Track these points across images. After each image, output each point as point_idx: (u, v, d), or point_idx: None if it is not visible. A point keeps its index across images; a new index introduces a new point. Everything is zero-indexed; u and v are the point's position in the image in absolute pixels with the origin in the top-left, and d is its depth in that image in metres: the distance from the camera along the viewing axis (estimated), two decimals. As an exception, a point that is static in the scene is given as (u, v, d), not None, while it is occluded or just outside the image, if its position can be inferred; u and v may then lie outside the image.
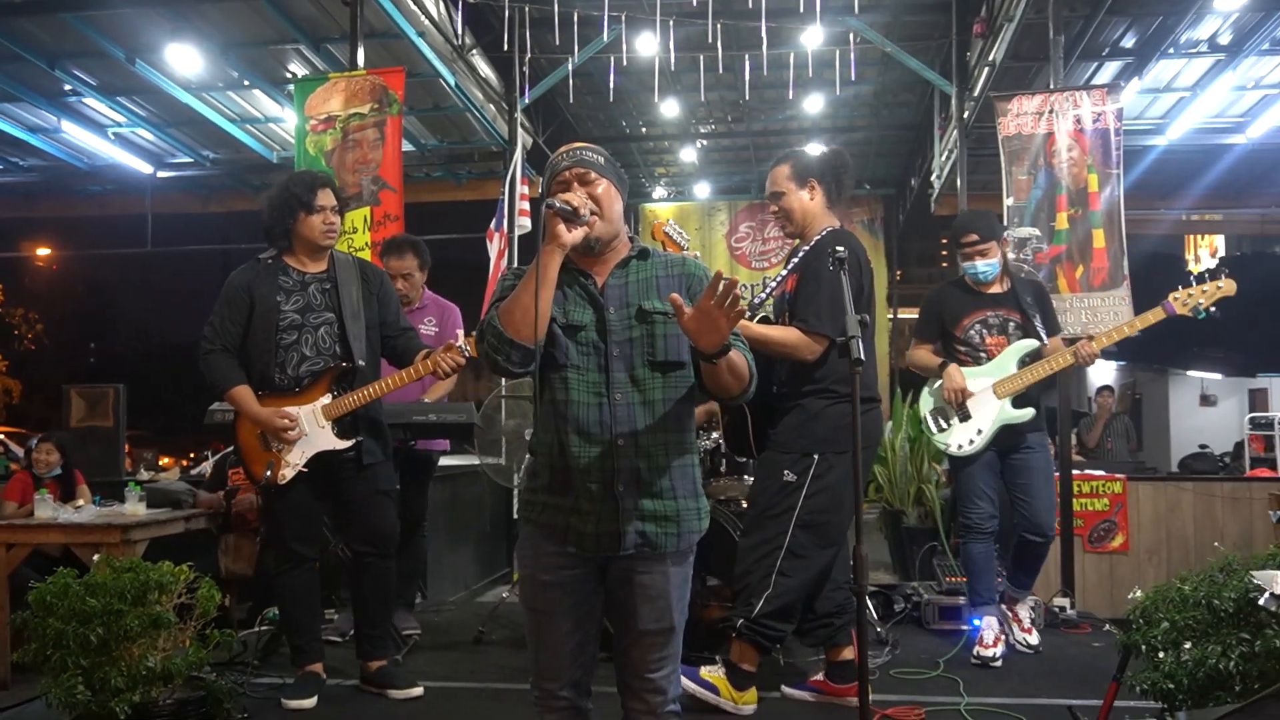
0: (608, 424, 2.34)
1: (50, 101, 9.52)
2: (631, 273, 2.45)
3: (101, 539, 4.62)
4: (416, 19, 7.79)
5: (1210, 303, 4.09)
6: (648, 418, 2.36)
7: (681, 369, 2.41)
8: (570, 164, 2.41)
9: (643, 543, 2.35)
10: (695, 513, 2.44)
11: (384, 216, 6.18)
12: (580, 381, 2.37)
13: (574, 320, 2.38)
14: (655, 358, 2.38)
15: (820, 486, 3.61)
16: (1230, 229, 13.04)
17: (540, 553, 2.40)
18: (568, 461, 2.36)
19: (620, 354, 2.37)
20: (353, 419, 3.92)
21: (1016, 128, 6.04)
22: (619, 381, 2.36)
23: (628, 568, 2.37)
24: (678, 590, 2.42)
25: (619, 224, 2.44)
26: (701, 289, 2.42)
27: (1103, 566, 6.00)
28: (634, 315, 2.39)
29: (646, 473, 2.35)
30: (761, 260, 14.75)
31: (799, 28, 8.55)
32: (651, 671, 2.42)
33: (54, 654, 3.28)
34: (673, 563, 2.40)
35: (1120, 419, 10.35)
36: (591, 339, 2.38)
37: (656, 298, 2.41)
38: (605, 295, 2.40)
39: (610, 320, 2.38)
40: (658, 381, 2.38)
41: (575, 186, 2.38)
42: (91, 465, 6.35)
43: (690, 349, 2.34)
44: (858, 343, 2.66)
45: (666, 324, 2.37)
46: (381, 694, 3.98)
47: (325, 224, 3.95)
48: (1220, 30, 8.13)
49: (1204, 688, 2.72)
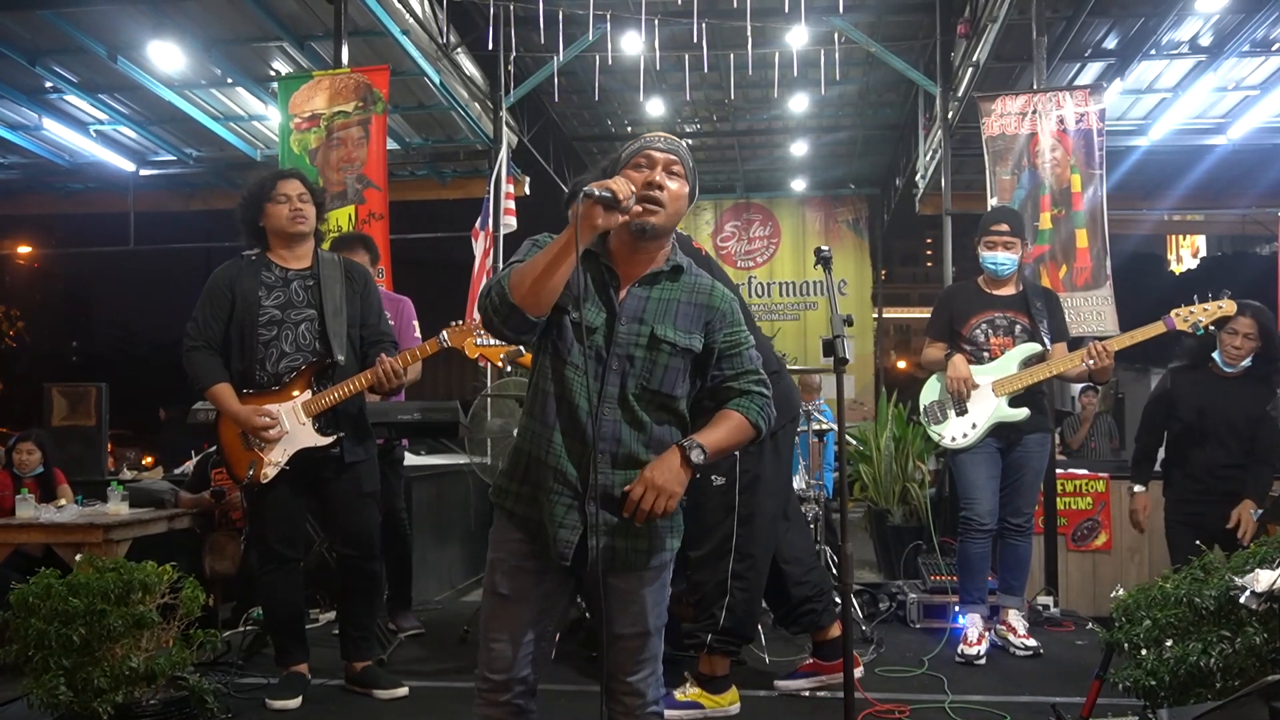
0: (590, 437, 2.28)
1: (31, 98, 9.44)
2: (657, 290, 2.35)
3: (84, 539, 4.59)
4: (401, 17, 7.77)
5: (1210, 321, 4.14)
6: (631, 439, 2.30)
7: (673, 401, 2.35)
8: (666, 148, 2.33)
9: (610, 558, 2.30)
10: (669, 530, 2.38)
11: (369, 215, 6.17)
12: (576, 382, 2.30)
13: (587, 320, 2.29)
14: (649, 385, 2.31)
15: (749, 479, 3.71)
16: (1211, 229, 13.13)
17: (511, 538, 2.36)
18: (546, 459, 2.31)
19: (618, 368, 2.30)
20: (334, 415, 3.89)
21: (1000, 128, 6.07)
22: (610, 395, 2.29)
23: (601, 573, 2.31)
24: (653, 596, 2.38)
25: (672, 228, 2.37)
26: (720, 326, 2.38)
27: (1086, 565, 6.03)
28: (644, 336, 2.31)
29: (619, 491, 2.29)
30: (747, 259, 14.79)
31: (784, 27, 8.57)
32: (629, 675, 2.38)
33: (36, 654, 3.26)
34: (648, 572, 2.37)
35: (1103, 418, 10.41)
36: (597, 343, 2.30)
37: (672, 325, 2.33)
38: (623, 306, 2.32)
39: (619, 331, 2.30)
40: (648, 406, 2.32)
41: (659, 168, 2.30)
42: (73, 464, 6.30)
43: (688, 389, 2.37)
44: (843, 342, 2.69)
45: (671, 356, 2.32)
46: (367, 694, 3.97)
47: (291, 211, 3.91)
48: (1201, 31, 8.18)
49: (1185, 685, 2.75)
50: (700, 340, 2.36)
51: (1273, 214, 11.23)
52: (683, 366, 2.34)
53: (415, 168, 11.60)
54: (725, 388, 2.40)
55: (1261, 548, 2.94)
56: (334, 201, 6.12)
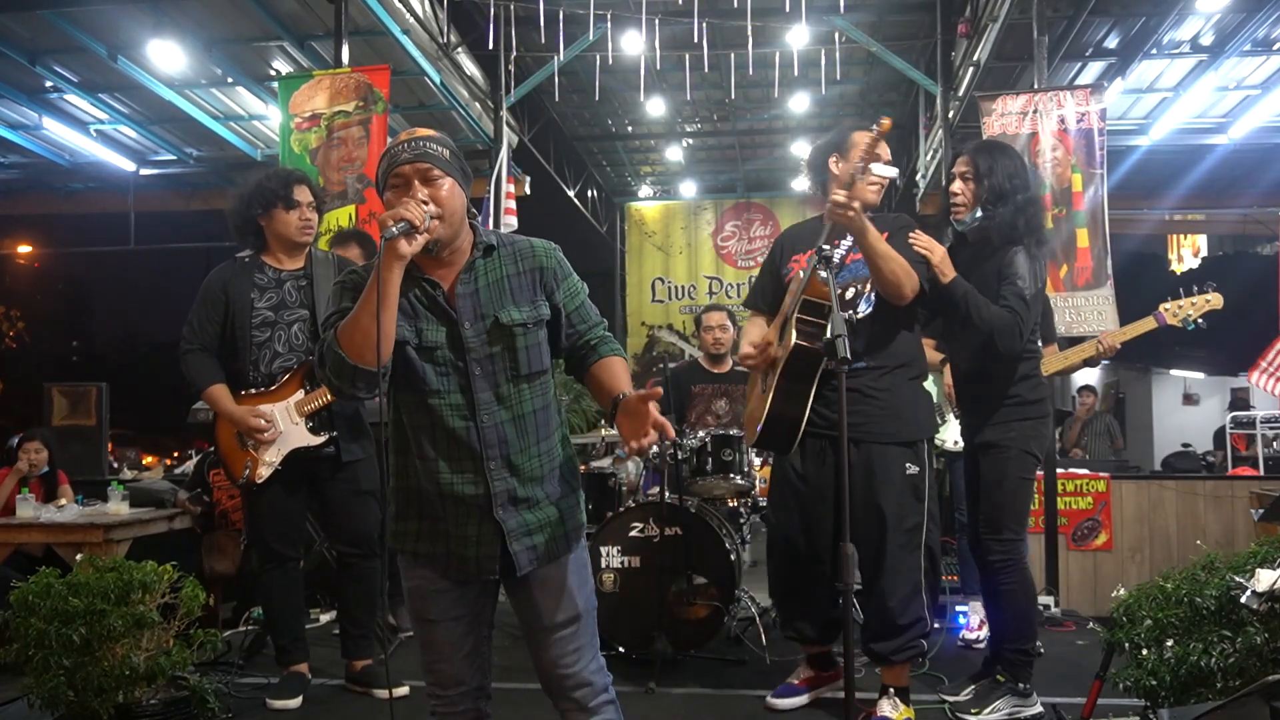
0: (477, 449, 2.22)
1: (31, 98, 9.43)
2: (480, 275, 2.26)
3: (84, 539, 4.59)
4: (401, 16, 7.77)
5: (1199, 315, 4.14)
6: (517, 434, 2.26)
7: (544, 374, 2.31)
8: (411, 157, 2.18)
9: (535, 557, 2.27)
10: (575, 506, 2.36)
11: (369, 215, 6.16)
12: (442, 405, 2.22)
13: (428, 340, 2.22)
14: (519, 372, 2.25)
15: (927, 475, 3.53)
16: (1212, 229, 13.09)
17: (420, 572, 2.32)
18: (439, 489, 2.24)
19: (483, 372, 2.23)
20: (328, 415, 3.90)
21: (1001, 127, 6.06)
22: (484, 402, 2.23)
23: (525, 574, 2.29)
24: (577, 576, 2.34)
25: (462, 223, 2.24)
26: (557, 282, 2.32)
27: (1086, 565, 6.03)
28: (490, 328, 2.23)
29: (523, 489, 2.26)
30: (747, 259, 14.77)
31: (784, 27, 8.57)
32: (569, 665, 2.32)
33: (36, 654, 3.26)
34: (570, 555, 2.34)
35: (1103, 418, 10.40)
36: (449, 358, 2.22)
37: (512, 304, 2.25)
38: (457, 307, 2.23)
39: (467, 336, 2.22)
40: (524, 394, 2.27)
41: (415, 183, 2.17)
42: (74, 464, 6.30)
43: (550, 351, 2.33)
44: (844, 341, 2.69)
45: (526, 334, 2.25)
46: (367, 693, 3.97)
47: (302, 220, 3.92)
48: (1202, 31, 8.18)
49: (1186, 685, 2.75)
50: (546, 304, 2.30)
51: (1273, 214, 11.23)
52: (542, 338, 2.30)
53: (415, 167, 11.58)
54: (585, 342, 2.37)
55: (1262, 548, 2.94)
56: (334, 201, 6.12)
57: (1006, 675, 3.64)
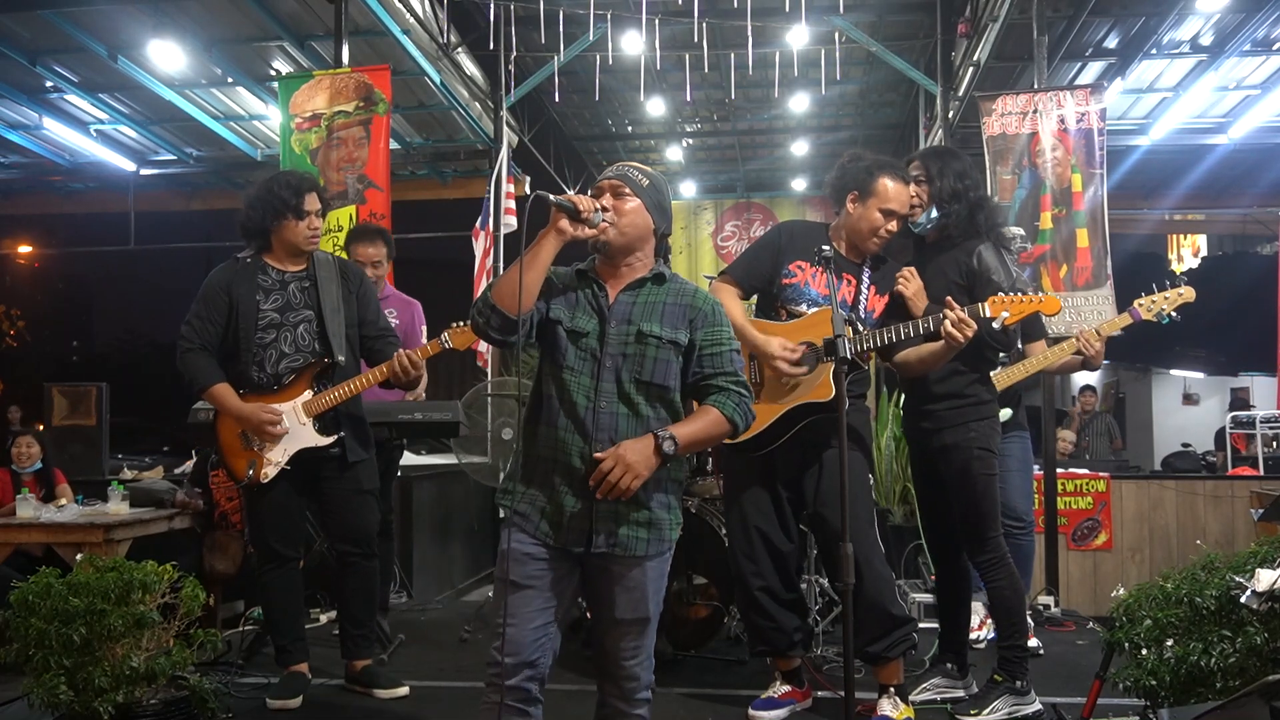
0: (590, 428, 2.46)
1: (31, 98, 9.44)
2: (642, 295, 2.58)
3: (84, 538, 4.59)
4: (401, 16, 7.77)
5: (1172, 308, 4.13)
6: (630, 429, 2.47)
7: (666, 392, 2.53)
8: (612, 175, 2.59)
9: (614, 543, 2.45)
10: (668, 523, 2.54)
11: (370, 215, 6.16)
12: (573, 384, 2.50)
13: (578, 327, 2.53)
14: (641, 377, 2.50)
15: None
16: (1212, 229, 13.09)
17: (518, 532, 2.50)
18: (554, 454, 2.49)
19: (612, 365, 2.50)
20: (335, 416, 3.90)
21: (1001, 127, 6.06)
22: (606, 390, 2.49)
23: (604, 560, 2.49)
24: (654, 584, 2.54)
25: (639, 242, 2.56)
26: (702, 324, 2.57)
27: (1086, 564, 6.03)
28: (632, 333, 2.51)
29: None
30: (747, 259, 14.73)
31: (784, 27, 8.57)
32: (625, 659, 2.54)
33: (36, 654, 3.25)
34: (649, 560, 2.51)
35: (1102, 418, 10.41)
36: (591, 346, 2.52)
37: (657, 322, 2.53)
38: (612, 310, 2.54)
39: (610, 334, 2.52)
40: (643, 397, 2.50)
41: (606, 195, 2.54)
42: (74, 464, 6.31)
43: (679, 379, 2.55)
44: (844, 341, 2.71)
45: (659, 348, 2.51)
46: (367, 693, 3.97)
47: (310, 229, 3.93)
48: (1202, 31, 8.18)
49: (1186, 685, 2.75)
50: (685, 335, 2.55)
51: (1273, 214, 11.24)
52: (672, 359, 2.53)
53: (416, 168, 11.60)
54: (704, 385, 2.58)
55: (1262, 548, 2.94)
56: (335, 201, 6.11)
57: (1003, 674, 3.65)
